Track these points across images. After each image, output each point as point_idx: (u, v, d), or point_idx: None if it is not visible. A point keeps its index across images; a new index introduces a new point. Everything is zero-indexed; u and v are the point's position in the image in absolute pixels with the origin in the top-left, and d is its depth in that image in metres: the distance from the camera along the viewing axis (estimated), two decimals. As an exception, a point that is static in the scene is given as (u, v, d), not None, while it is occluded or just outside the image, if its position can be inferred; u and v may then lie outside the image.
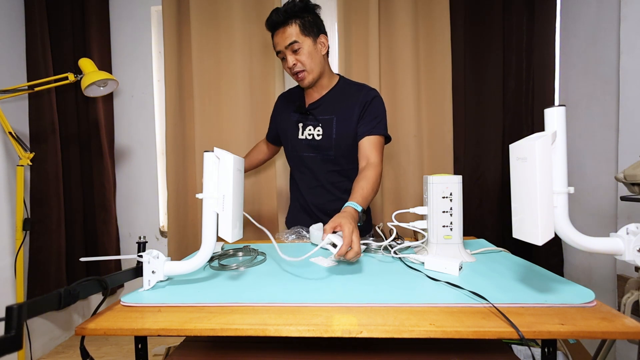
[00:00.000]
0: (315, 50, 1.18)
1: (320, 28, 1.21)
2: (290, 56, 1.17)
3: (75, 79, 1.53)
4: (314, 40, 1.18)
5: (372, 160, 1.13)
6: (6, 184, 1.71)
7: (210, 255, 0.73)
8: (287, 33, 1.15)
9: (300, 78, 1.20)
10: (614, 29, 1.51)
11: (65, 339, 2.06)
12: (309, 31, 1.17)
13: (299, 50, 1.16)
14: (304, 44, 1.16)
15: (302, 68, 1.18)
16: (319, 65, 1.20)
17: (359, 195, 0.98)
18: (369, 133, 1.16)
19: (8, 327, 0.46)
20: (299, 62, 1.17)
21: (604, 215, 1.56)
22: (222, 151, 0.74)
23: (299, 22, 1.16)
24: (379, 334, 0.53)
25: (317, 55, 1.19)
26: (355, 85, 1.26)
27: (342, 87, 1.26)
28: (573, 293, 0.63)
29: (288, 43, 1.15)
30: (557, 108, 0.56)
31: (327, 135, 1.23)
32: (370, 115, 1.18)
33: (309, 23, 1.17)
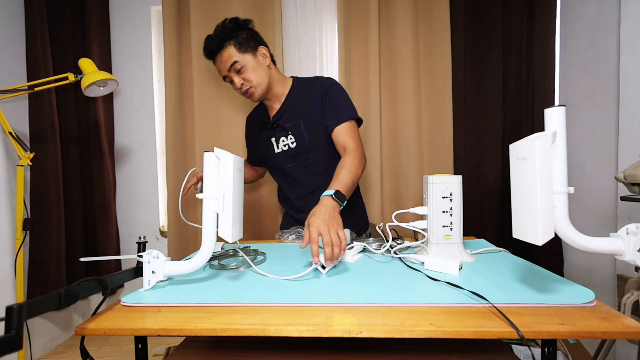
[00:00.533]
0: (257, 63, 1.18)
1: (257, 41, 1.21)
2: (235, 77, 1.18)
3: (75, 79, 1.53)
4: (253, 55, 1.18)
5: (349, 147, 1.10)
6: (6, 184, 1.71)
7: (210, 255, 0.73)
8: (225, 56, 1.16)
9: (250, 94, 1.20)
10: (614, 29, 1.51)
11: (65, 339, 2.06)
12: (246, 47, 1.17)
13: (242, 68, 1.16)
14: (244, 62, 1.16)
15: (248, 85, 1.18)
16: (265, 77, 1.19)
17: (335, 181, 0.96)
18: (337, 123, 1.14)
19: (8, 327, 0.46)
20: (245, 81, 1.18)
21: (604, 215, 1.56)
22: (222, 151, 0.74)
23: (233, 42, 1.16)
24: (379, 334, 0.53)
25: (260, 68, 1.19)
26: (309, 80, 1.25)
27: (297, 88, 1.25)
28: (573, 293, 0.63)
29: (229, 65, 1.16)
30: (557, 108, 0.56)
31: (300, 139, 1.21)
32: (332, 104, 1.16)
33: (243, 40, 1.17)
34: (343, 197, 0.92)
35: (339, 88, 1.20)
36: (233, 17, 1.19)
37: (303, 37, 1.97)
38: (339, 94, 1.19)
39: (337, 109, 1.15)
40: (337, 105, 1.16)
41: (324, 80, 1.21)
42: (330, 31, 1.99)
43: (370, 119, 1.87)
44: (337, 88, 1.20)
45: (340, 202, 0.90)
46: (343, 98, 1.18)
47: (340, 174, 0.99)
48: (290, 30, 1.96)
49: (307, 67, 1.98)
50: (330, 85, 1.19)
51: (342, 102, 1.17)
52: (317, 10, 1.98)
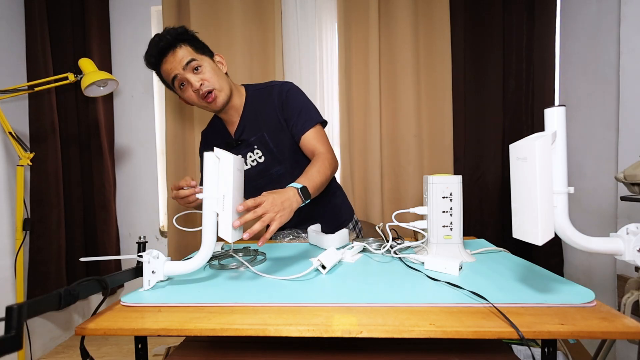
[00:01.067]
0: (217, 67, 1.09)
1: (211, 50, 1.12)
2: (192, 77, 1.03)
3: (75, 79, 1.53)
4: (211, 59, 1.09)
5: (319, 151, 1.06)
6: (6, 184, 1.71)
7: (210, 255, 0.73)
8: (180, 54, 1.03)
9: (212, 98, 1.06)
10: (614, 29, 1.51)
11: (65, 339, 2.06)
12: (203, 50, 1.08)
13: (201, 68, 1.04)
14: (203, 61, 1.05)
15: (210, 87, 1.04)
16: (226, 84, 1.09)
17: (304, 178, 0.92)
18: (303, 131, 1.08)
19: (8, 327, 0.46)
20: (205, 81, 1.04)
21: (604, 215, 1.56)
22: (222, 151, 0.74)
23: (188, 44, 1.05)
24: (379, 334, 0.53)
25: (221, 73, 1.09)
26: (264, 88, 1.16)
27: (253, 98, 1.16)
28: (573, 293, 0.63)
29: (185, 62, 1.02)
30: (557, 108, 0.56)
31: (268, 152, 1.14)
32: (294, 112, 1.09)
33: (199, 44, 1.08)
34: (308, 195, 0.87)
35: (297, 92, 1.13)
36: (180, 26, 1.08)
37: (303, 37, 1.97)
38: (299, 99, 1.11)
39: (301, 116, 1.09)
40: (300, 112, 1.09)
41: (280, 86, 1.13)
42: (330, 31, 2.00)
43: (370, 119, 1.87)
44: (296, 93, 1.12)
45: (304, 199, 0.86)
46: (304, 103, 1.11)
47: (309, 172, 0.94)
48: (290, 30, 1.96)
49: (307, 67, 1.98)
50: (288, 92, 1.11)
51: (303, 107, 1.10)
52: (317, 10, 1.98)
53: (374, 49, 1.83)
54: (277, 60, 1.89)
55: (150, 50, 1.06)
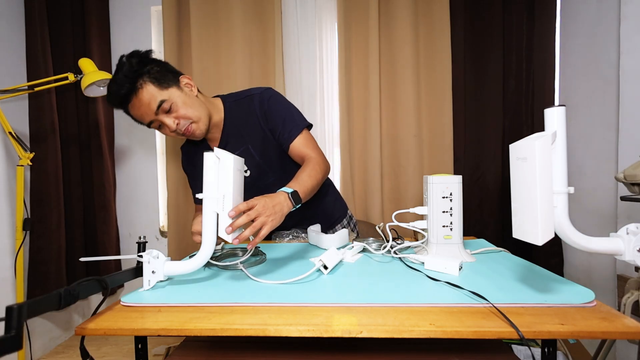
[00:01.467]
0: (187, 96, 1.00)
1: (174, 71, 1.03)
2: (166, 118, 0.97)
3: (75, 79, 1.53)
4: (178, 88, 0.99)
5: (310, 156, 1.03)
6: (6, 184, 1.71)
7: (210, 255, 0.73)
8: (145, 98, 0.95)
9: (191, 132, 1.01)
10: (614, 29, 1.51)
11: (65, 339, 2.06)
12: (166, 81, 0.97)
13: (172, 106, 0.96)
14: (172, 97, 0.96)
15: (187, 122, 0.99)
16: (202, 109, 1.02)
17: (295, 182, 0.91)
18: (290, 139, 1.04)
19: (8, 327, 0.46)
20: (181, 118, 0.98)
21: (604, 215, 1.56)
22: (222, 151, 0.74)
23: (148, 79, 0.95)
24: (379, 334, 0.53)
25: (193, 100, 1.01)
26: (243, 98, 1.10)
27: (233, 110, 1.10)
28: (573, 293, 0.63)
29: (155, 107, 0.95)
30: (557, 108, 0.56)
31: (254, 165, 1.11)
32: (279, 121, 1.05)
33: (159, 74, 0.97)
34: (299, 199, 0.86)
35: (278, 100, 1.08)
36: (132, 52, 0.99)
37: (303, 37, 1.97)
38: (281, 106, 1.07)
39: (286, 125, 1.05)
40: (284, 120, 1.05)
41: (260, 95, 1.07)
42: (330, 31, 1.99)
43: (370, 119, 1.87)
44: (277, 101, 1.07)
45: (295, 204, 0.85)
46: (286, 110, 1.07)
47: (300, 176, 0.93)
48: (290, 30, 1.96)
49: (307, 67, 1.98)
50: (269, 100, 1.06)
51: (287, 115, 1.06)
52: (317, 10, 1.98)
53: (374, 49, 1.83)
54: (277, 60, 1.89)
55: (112, 100, 0.99)
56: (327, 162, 1.06)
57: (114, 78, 0.97)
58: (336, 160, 1.99)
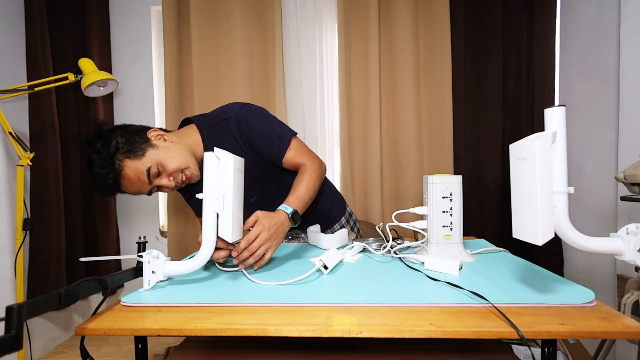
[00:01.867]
0: (164, 149, 0.95)
1: (136, 131, 0.96)
2: (162, 181, 0.94)
3: (75, 79, 1.53)
4: (152, 147, 0.93)
5: (303, 165, 1.01)
6: (6, 184, 1.71)
7: (210, 255, 0.73)
8: (132, 176, 0.91)
9: (189, 178, 0.98)
10: (614, 29, 1.51)
11: (65, 339, 2.06)
12: (137, 147, 0.92)
13: (159, 168, 0.93)
14: (152, 158, 0.92)
15: (179, 175, 0.96)
16: (184, 153, 0.97)
17: (292, 198, 0.90)
18: (281, 155, 1.01)
19: (8, 327, 0.46)
20: (172, 175, 0.94)
21: (604, 215, 1.56)
22: (222, 151, 0.74)
23: (122, 156, 0.90)
24: (379, 334, 0.53)
25: (173, 149, 0.96)
26: (219, 122, 1.03)
27: (210, 135, 1.03)
28: (573, 293, 0.63)
29: (146, 178, 0.92)
30: (557, 108, 0.56)
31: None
32: (264, 140, 1.00)
33: (127, 143, 0.92)
34: (298, 219, 0.88)
35: (256, 118, 1.02)
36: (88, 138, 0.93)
37: (303, 37, 1.97)
38: (261, 124, 1.01)
39: (272, 141, 1.00)
40: (270, 137, 1.01)
41: (236, 117, 1.01)
42: (330, 31, 1.99)
43: (370, 119, 1.87)
44: (255, 119, 1.01)
45: (294, 222, 0.87)
46: (267, 126, 1.02)
47: (298, 190, 0.93)
48: (290, 30, 1.96)
49: (307, 67, 1.98)
50: (246, 122, 1.00)
51: (270, 131, 1.01)
52: (317, 10, 1.98)
53: (374, 49, 1.83)
54: (277, 60, 1.89)
55: (104, 192, 0.95)
56: (321, 165, 1.05)
57: (93, 173, 0.92)
58: (336, 160, 1.99)
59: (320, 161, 1.05)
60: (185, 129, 1.06)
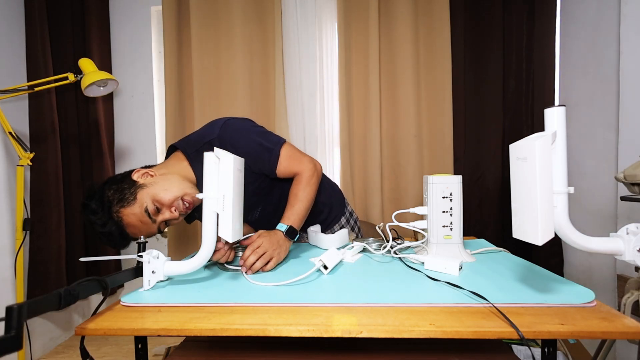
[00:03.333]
0: (155, 184, 0.92)
1: (122, 178, 0.94)
2: (165, 215, 0.92)
3: (75, 79, 1.53)
4: (140, 187, 0.91)
5: (297, 174, 1.01)
6: (6, 184, 1.71)
7: (210, 255, 0.73)
8: (134, 222, 0.90)
9: (191, 203, 0.95)
10: (614, 29, 1.51)
11: (65, 339, 2.06)
12: (127, 193, 0.91)
13: (156, 204, 0.90)
14: (146, 198, 0.90)
15: (179, 201, 0.93)
16: (176, 180, 0.95)
17: (288, 214, 0.93)
18: (273, 168, 0.99)
19: (8, 327, 0.46)
20: (172, 206, 0.92)
21: (604, 215, 1.56)
22: (222, 151, 0.74)
23: (118, 208, 0.89)
24: (379, 334, 0.53)
25: (163, 182, 0.93)
26: (201, 144, 0.99)
27: (197, 161, 0.99)
28: (573, 293, 0.63)
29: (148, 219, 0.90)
30: (557, 108, 0.56)
31: None
32: (249, 157, 0.94)
33: (117, 193, 0.90)
34: (295, 234, 0.92)
35: (239, 135, 0.99)
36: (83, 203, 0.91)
37: (303, 37, 1.97)
38: (246, 142, 0.98)
39: (262, 157, 0.98)
40: (257, 154, 0.98)
41: (219, 137, 0.97)
42: (330, 31, 1.99)
43: (370, 119, 1.87)
44: (239, 137, 0.98)
45: (291, 238, 0.91)
46: (253, 142, 0.99)
47: (293, 204, 0.95)
48: (290, 30, 1.96)
49: (307, 67, 1.98)
50: (230, 141, 0.97)
51: (257, 147, 0.98)
52: (317, 10, 1.98)
53: (374, 48, 1.83)
54: (277, 60, 1.89)
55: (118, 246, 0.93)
56: (316, 167, 1.03)
57: (98, 234, 0.91)
58: (336, 160, 1.99)
59: (314, 164, 1.04)
60: (170, 159, 1.05)
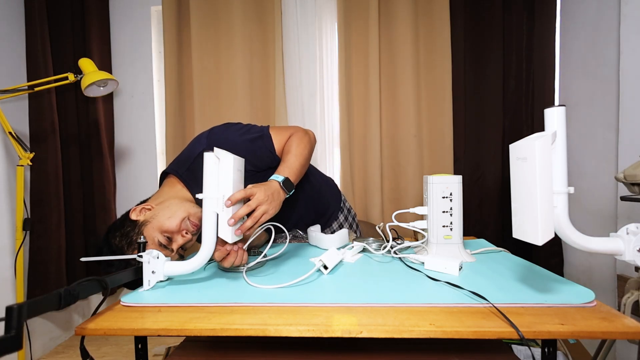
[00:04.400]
0: (154, 217, 0.91)
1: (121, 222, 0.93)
2: (178, 241, 0.91)
3: (75, 79, 1.53)
4: (143, 224, 0.91)
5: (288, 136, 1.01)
6: (6, 184, 1.71)
7: (210, 255, 0.73)
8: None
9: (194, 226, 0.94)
10: (614, 29, 1.51)
11: (65, 339, 2.06)
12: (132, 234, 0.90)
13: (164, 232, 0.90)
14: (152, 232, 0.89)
15: (186, 222, 0.92)
16: (175, 206, 0.93)
17: (283, 167, 0.90)
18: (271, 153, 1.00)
19: (8, 327, 0.46)
20: (182, 229, 0.91)
21: (604, 215, 1.56)
22: (222, 151, 0.74)
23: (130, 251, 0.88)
24: (379, 334, 0.53)
25: (164, 211, 0.92)
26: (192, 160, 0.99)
27: (191, 174, 1.00)
28: (573, 293, 0.63)
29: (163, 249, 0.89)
30: (557, 108, 0.56)
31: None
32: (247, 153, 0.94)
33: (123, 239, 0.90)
34: (291, 186, 0.87)
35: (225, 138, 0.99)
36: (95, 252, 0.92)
37: (303, 37, 1.97)
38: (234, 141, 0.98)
39: (258, 148, 0.99)
40: (252, 149, 0.98)
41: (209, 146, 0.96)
42: (330, 31, 1.99)
43: (370, 119, 1.87)
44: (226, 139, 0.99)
45: (287, 190, 0.85)
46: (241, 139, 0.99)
47: (286, 159, 0.93)
48: (290, 30, 1.96)
49: (307, 67, 1.98)
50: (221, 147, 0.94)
51: (247, 143, 0.99)
52: (317, 10, 1.98)
53: (374, 48, 1.83)
54: (277, 60, 1.89)
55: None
56: (307, 131, 1.03)
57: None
58: (336, 161, 1.99)
59: (305, 130, 1.04)
60: (164, 186, 1.04)
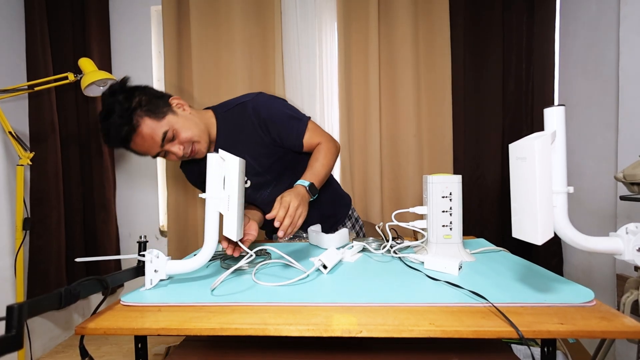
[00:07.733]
0: (183, 117, 0.96)
1: (160, 95, 0.97)
2: (173, 147, 0.95)
3: (75, 78, 1.53)
4: (172, 113, 0.95)
5: (319, 142, 1.06)
6: (6, 184, 1.71)
7: (212, 254, 0.74)
8: (147, 134, 0.91)
9: (196, 152, 0.99)
10: (614, 29, 1.51)
11: (65, 338, 2.06)
12: (159, 108, 0.93)
13: (175, 132, 0.93)
14: (172, 124, 0.93)
15: (189, 145, 0.97)
16: (200, 126, 0.99)
17: (309, 173, 0.98)
18: (300, 138, 1.04)
19: (8, 327, 0.46)
20: (184, 144, 0.95)
21: (603, 215, 1.56)
22: (226, 153, 0.74)
23: (143, 113, 0.90)
24: (378, 333, 0.53)
25: (190, 120, 0.97)
26: (235, 106, 1.06)
27: (226, 120, 1.06)
28: (572, 292, 0.63)
29: (160, 140, 0.92)
30: (556, 108, 0.56)
31: (254, 173, 1.07)
32: (282, 126, 1.03)
33: (149, 103, 0.92)
34: (315, 190, 0.95)
35: (272, 104, 1.05)
36: (112, 88, 0.93)
37: (303, 37, 1.97)
38: (277, 110, 1.04)
39: (291, 126, 1.03)
40: (287, 122, 1.03)
41: (253, 101, 1.03)
42: (330, 31, 2.00)
43: (370, 119, 1.87)
44: (271, 105, 1.04)
45: (312, 194, 0.93)
46: (283, 112, 1.04)
47: (314, 166, 1.00)
48: (290, 30, 1.96)
49: (307, 67, 1.98)
50: (264, 106, 1.03)
51: (286, 116, 1.04)
52: (317, 10, 1.98)
53: (374, 48, 1.83)
54: (277, 60, 1.89)
55: (112, 142, 0.93)
56: (335, 143, 1.09)
57: (108, 120, 0.90)
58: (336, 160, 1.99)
59: (335, 141, 1.10)
60: (203, 111, 1.10)
